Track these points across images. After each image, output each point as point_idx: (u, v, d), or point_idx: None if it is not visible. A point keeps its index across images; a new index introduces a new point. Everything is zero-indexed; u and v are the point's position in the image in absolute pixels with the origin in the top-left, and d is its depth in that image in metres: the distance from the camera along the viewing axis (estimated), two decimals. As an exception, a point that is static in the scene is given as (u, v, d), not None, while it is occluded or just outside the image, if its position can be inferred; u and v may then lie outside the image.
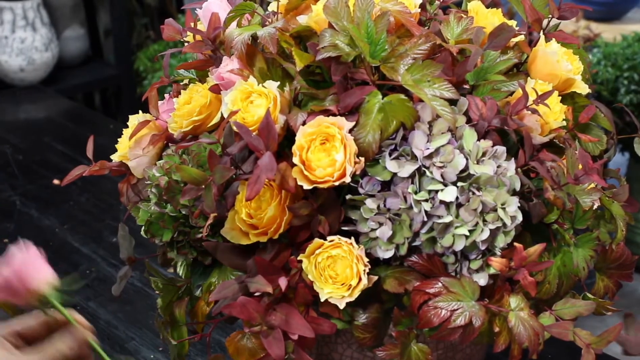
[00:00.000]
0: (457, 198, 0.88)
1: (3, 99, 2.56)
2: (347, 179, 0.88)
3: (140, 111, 1.09)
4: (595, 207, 0.94)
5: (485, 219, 0.89)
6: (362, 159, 0.89)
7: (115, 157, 1.08)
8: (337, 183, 0.89)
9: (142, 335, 1.40)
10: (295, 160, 0.89)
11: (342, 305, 0.91)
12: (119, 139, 1.08)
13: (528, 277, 0.89)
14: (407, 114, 0.90)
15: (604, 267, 0.99)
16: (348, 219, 0.92)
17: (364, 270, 0.90)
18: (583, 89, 1.01)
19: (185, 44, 1.07)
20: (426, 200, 0.88)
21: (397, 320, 0.93)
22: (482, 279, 0.91)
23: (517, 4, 1.03)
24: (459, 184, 0.88)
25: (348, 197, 0.91)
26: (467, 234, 0.88)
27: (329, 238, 0.91)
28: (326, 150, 0.89)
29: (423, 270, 0.91)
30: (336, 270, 0.90)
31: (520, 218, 0.90)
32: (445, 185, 0.88)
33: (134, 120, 1.07)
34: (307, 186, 0.89)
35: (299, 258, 0.92)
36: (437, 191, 0.88)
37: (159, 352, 1.36)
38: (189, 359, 1.32)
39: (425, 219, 0.88)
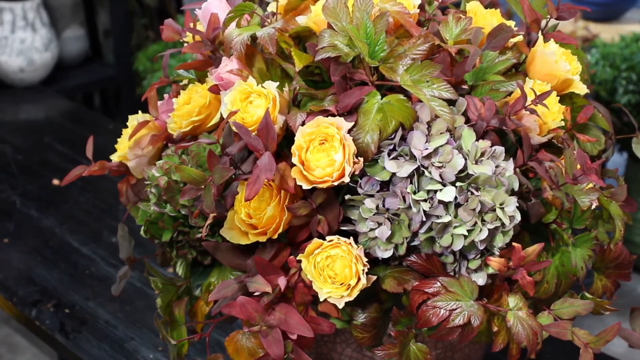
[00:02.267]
0: (455, 198, 0.88)
1: (3, 99, 2.56)
2: (346, 179, 0.89)
3: (139, 111, 1.10)
4: (593, 207, 0.94)
5: (484, 218, 0.89)
6: (361, 159, 0.90)
7: (114, 157, 1.08)
8: (336, 183, 0.89)
9: (141, 335, 1.40)
10: (295, 160, 0.89)
11: (341, 305, 0.91)
12: (118, 139, 1.08)
13: (526, 277, 0.89)
14: (405, 114, 0.90)
15: (602, 266, 1.00)
16: (347, 218, 0.92)
17: (363, 270, 0.90)
18: (581, 89, 1.01)
19: (185, 44, 1.07)
20: (425, 200, 0.88)
21: (396, 320, 0.93)
22: (480, 279, 0.91)
23: (516, 4, 1.03)
24: (458, 184, 0.88)
25: (347, 197, 0.92)
26: (466, 233, 0.88)
27: (328, 238, 0.91)
28: (325, 150, 0.89)
29: (422, 270, 0.91)
30: (335, 270, 0.90)
31: (518, 218, 0.90)
32: (444, 185, 0.88)
33: (133, 120, 1.07)
34: (306, 186, 0.89)
35: (298, 258, 0.92)
36: (435, 191, 0.88)
37: (159, 352, 1.36)
38: (188, 358, 1.32)
39: (424, 218, 0.88)
